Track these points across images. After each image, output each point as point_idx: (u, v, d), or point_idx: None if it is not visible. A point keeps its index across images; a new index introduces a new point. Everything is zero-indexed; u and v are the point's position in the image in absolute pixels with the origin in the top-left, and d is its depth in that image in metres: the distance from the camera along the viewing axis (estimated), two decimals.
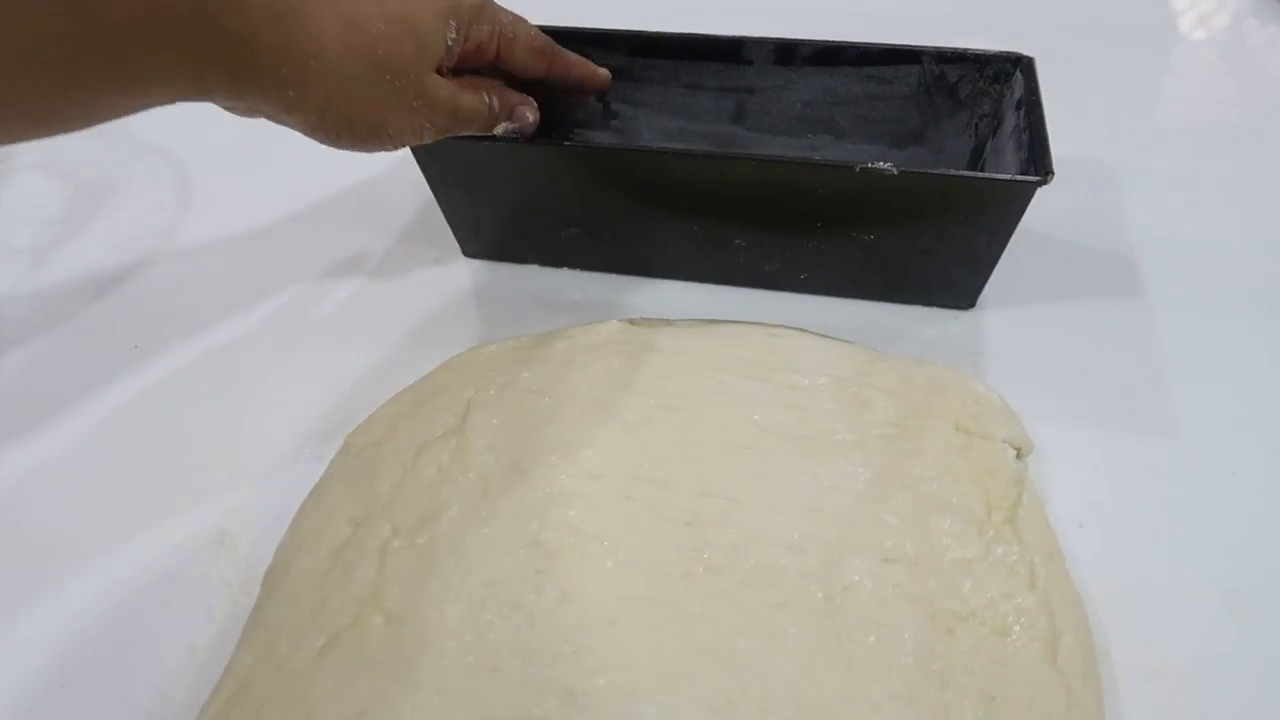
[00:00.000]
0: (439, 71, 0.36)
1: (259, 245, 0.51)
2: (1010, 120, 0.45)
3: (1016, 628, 0.30)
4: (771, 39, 0.50)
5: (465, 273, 0.48)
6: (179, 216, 0.53)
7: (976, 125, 0.48)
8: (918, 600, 0.30)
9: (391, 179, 0.54)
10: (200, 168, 0.57)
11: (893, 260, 0.44)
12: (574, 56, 0.45)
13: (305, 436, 0.39)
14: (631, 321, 0.42)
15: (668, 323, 0.43)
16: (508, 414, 0.37)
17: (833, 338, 0.42)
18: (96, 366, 0.43)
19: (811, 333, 0.42)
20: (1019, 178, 0.39)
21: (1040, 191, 0.39)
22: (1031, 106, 0.43)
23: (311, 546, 0.32)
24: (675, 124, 0.52)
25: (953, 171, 0.41)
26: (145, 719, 0.30)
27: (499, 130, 0.41)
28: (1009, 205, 0.40)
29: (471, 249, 0.49)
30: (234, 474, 0.38)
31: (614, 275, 0.48)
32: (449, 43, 0.36)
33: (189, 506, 0.36)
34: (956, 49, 0.47)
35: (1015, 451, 0.37)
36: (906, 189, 0.40)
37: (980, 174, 0.41)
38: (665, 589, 0.31)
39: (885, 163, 0.39)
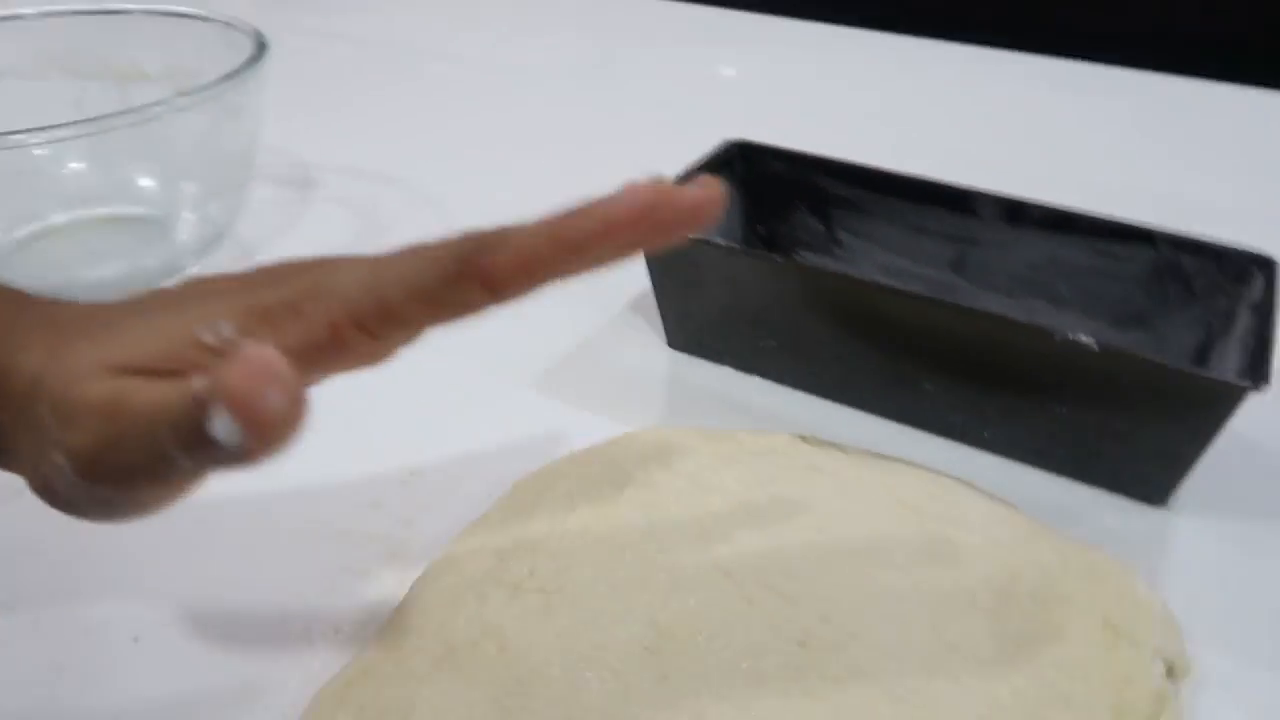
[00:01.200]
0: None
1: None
2: (1243, 321, 0.43)
3: None
4: (1001, 196, 0.50)
5: (664, 360, 0.51)
6: None
7: (1209, 322, 0.46)
8: None
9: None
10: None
11: (1083, 438, 0.42)
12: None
13: (481, 474, 0.43)
14: (803, 438, 0.44)
15: (839, 447, 0.43)
16: (662, 494, 0.39)
17: (1000, 499, 0.41)
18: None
19: (980, 490, 0.42)
20: (1227, 379, 0.37)
21: (1262, 400, 0.37)
22: (1266, 311, 0.41)
23: (458, 567, 0.36)
24: (895, 262, 0.54)
25: (1155, 358, 0.39)
26: (278, 684, 0.33)
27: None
28: (1214, 406, 0.38)
29: (676, 341, 0.52)
30: (417, 492, 0.42)
31: (800, 392, 0.49)
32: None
33: (371, 512, 0.41)
34: (1196, 238, 0.46)
35: (1167, 668, 0.34)
36: (1105, 368, 0.40)
37: (1185, 368, 0.40)
38: (762, 700, 0.32)
39: (1087, 337, 0.39)
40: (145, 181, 0.58)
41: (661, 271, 0.50)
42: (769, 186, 0.56)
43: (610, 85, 0.92)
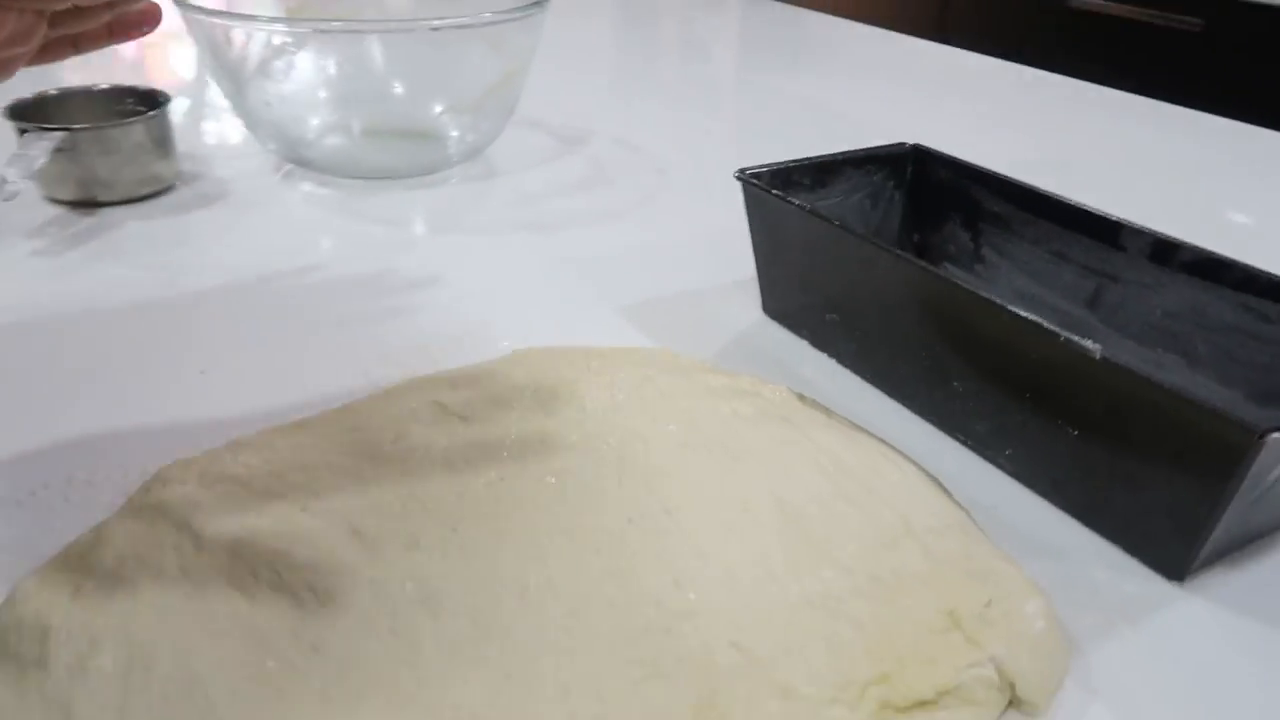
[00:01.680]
0: None
1: (605, 258, 0.61)
2: None
3: None
4: (1151, 232, 0.44)
5: (751, 322, 0.52)
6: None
7: None
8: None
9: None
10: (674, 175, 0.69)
11: (1094, 472, 0.36)
12: None
13: None
14: (800, 396, 0.42)
15: (826, 411, 0.41)
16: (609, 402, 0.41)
17: (951, 497, 0.37)
18: None
19: (939, 485, 0.37)
20: (1232, 415, 0.30)
21: None
22: None
23: None
24: (1031, 289, 0.49)
25: (1157, 378, 0.32)
26: None
27: None
28: (1225, 451, 0.31)
29: (768, 306, 0.52)
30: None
31: (856, 378, 0.47)
32: None
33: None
34: None
35: (1011, 692, 0.29)
36: (1110, 384, 0.34)
37: (1186, 393, 0.32)
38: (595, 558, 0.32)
39: (1091, 342, 0.34)
40: (430, 103, 0.71)
41: (758, 232, 0.51)
42: (931, 194, 0.54)
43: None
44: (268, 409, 0.41)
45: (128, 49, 1.01)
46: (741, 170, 0.49)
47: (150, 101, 0.65)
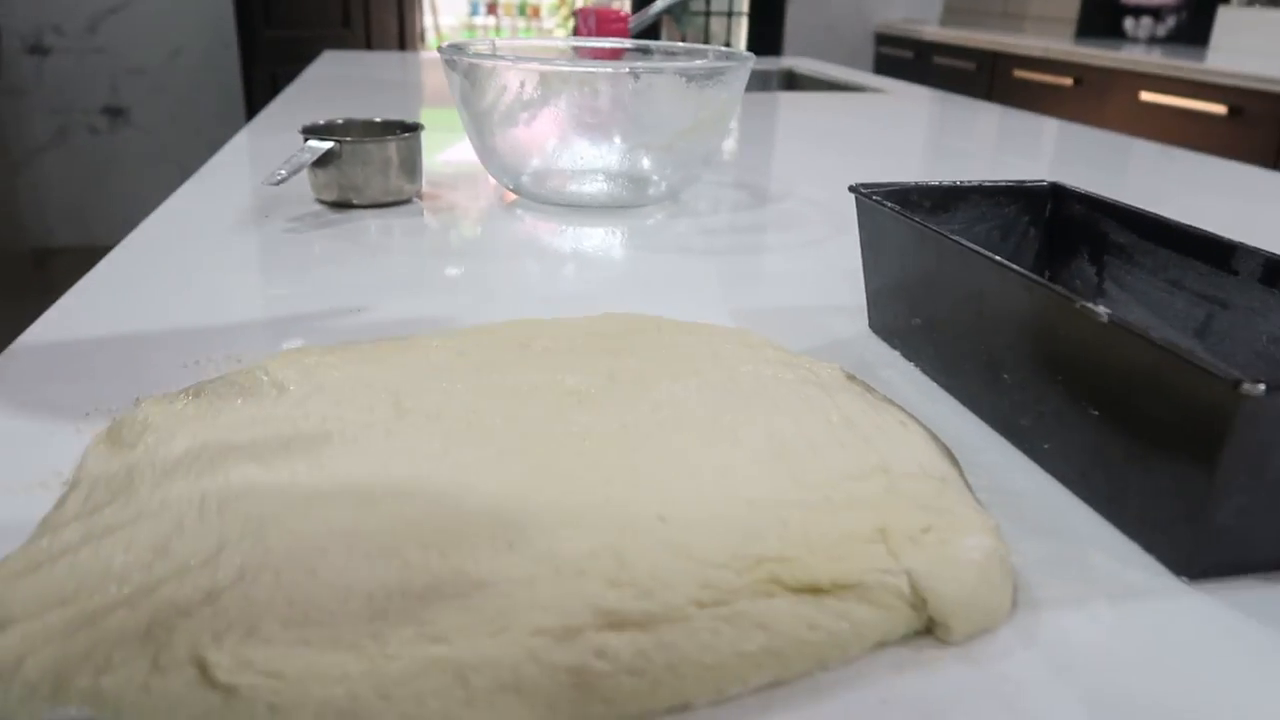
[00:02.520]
0: None
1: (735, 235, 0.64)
2: None
3: None
4: (1263, 251, 0.41)
5: (854, 335, 0.53)
6: None
7: None
8: None
9: None
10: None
11: (1112, 457, 0.34)
12: None
13: None
14: (849, 376, 0.43)
15: (872, 391, 0.42)
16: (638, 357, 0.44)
17: (953, 460, 0.36)
18: None
19: (945, 449, 0.37)
20: (1214, 366, 0.29)
21: None
22: None
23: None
24: (1147, 320, 0.47)
25: (1156, 338, 0.30)
26: None
27: None
28: (1214, 413, 0.29)
29: (874, 322, 0.53)
30: None
31: (931, 383, 0.47)
32: None
33: None
34: None
35: (926, 617, 0.29)
36: (1118, 351, 0.33)
37: (1172, 345, 0.30)
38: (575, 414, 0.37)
39: (1101, 307, 0.33)
40: (640, 158, 0.79)
41: (866, 246, 0.52)
42: (1063, 230, 0.53)
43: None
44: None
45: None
46: (854, 185, 0.51)
47: (410, 130, 0.78)
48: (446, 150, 1.00)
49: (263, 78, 2.84)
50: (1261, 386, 0.28)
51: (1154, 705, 0.27)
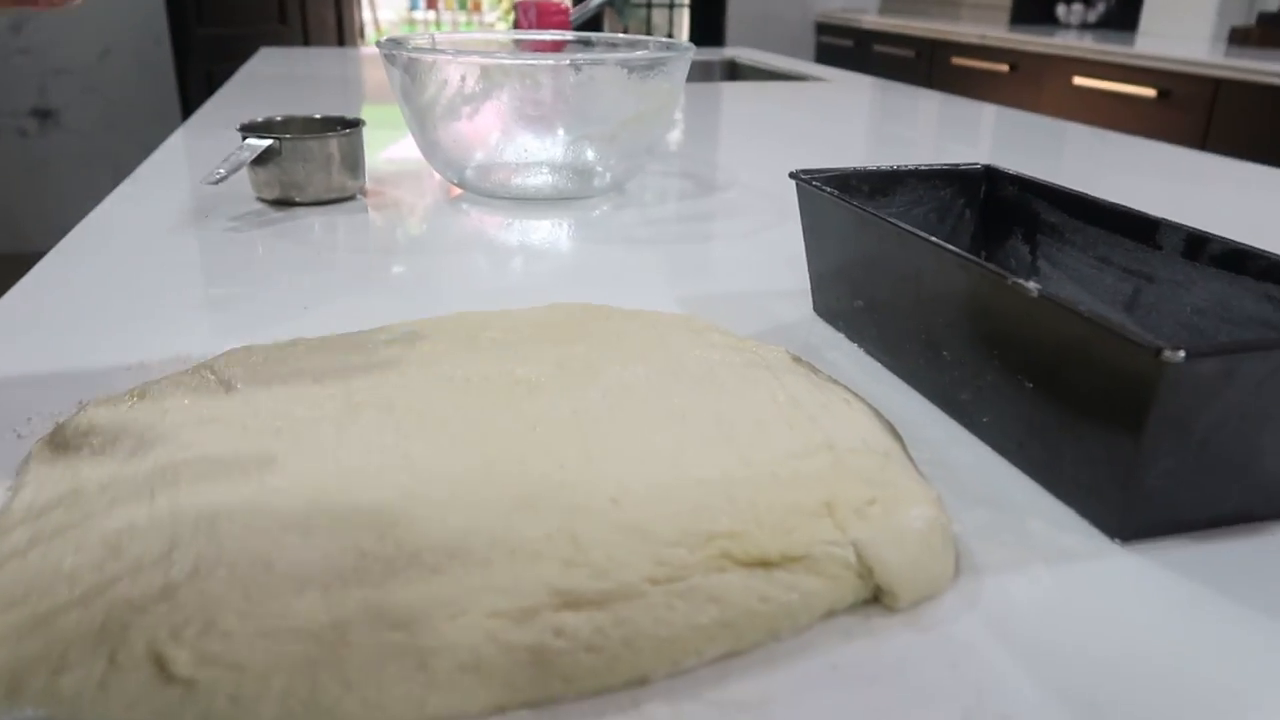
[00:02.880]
0: None
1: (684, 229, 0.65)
2: None
3: None
4: (1185, 226, 0.43)
5: (800, 319, 0.54)
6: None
7: None
8: None
9: None
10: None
11: (1047, 428, 0.36)
12: None
13: None
14: (795, 358, 0.44)
15: (817, 372, 0.43)
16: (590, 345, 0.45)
17: (896, 436, 0.37)
18: None
19: (889, 426, 0.38)
20: (1136, 335, 0.30)
21: None
22: None
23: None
24: (1078, 295, 0.48)
25: (1084, 310, 0.32)
26: None
27: None
28: (1139, 380, 0.30)
29: (818, 305, 0.55)
30: None
31: (875, 364, 0.48)
32: None
33: None
34: None
35: (868, 573, 0.30)
36: (1048, 324, 0.34)
37: (1099, 317, 0.31)
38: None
39: (1032, 282, 0.34)
40: (584, 150, 0.79)
41: (807, 230, 0.53)
42: (997, 211, 0.54)
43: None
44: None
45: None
46: (794, 171, 0.52)
47: (351, 126, 0.78)
48: (389, 147, 1.00)
49: (198, 76, 2.79)
50: (1181, 354, 0.29)
51: (1091, 660, 0.28)
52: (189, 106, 2.81)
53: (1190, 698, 0.27)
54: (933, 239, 0.41)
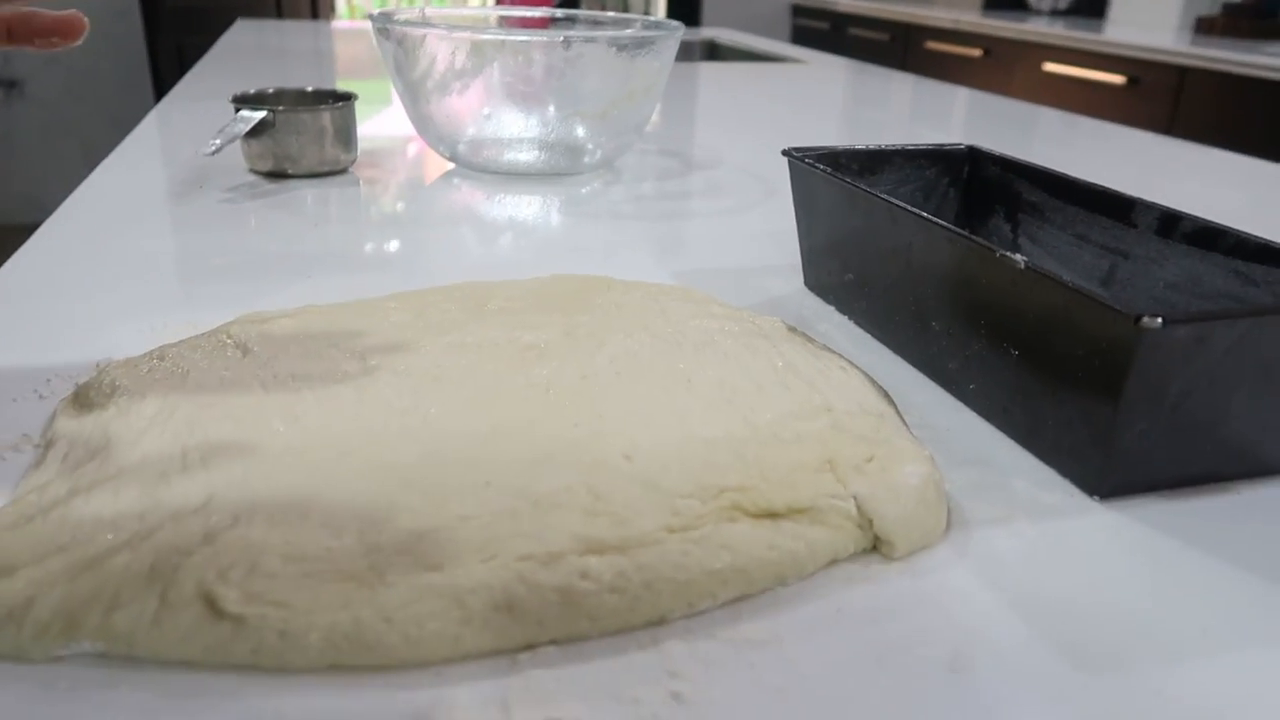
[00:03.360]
0: None
1: (678, 207, 0.67)
2: None
3: None
4: (1160, 205, 0.45)
5: (791, 292, 0.56)
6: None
7: None
8: None
9: None
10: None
11: (1031, 393, 0.38)
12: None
13: None
14: (790, 328, 0.46)
15: (812, 341, 0.45)
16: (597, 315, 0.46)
17: (889, 400, 0.39)
18: None
19: (881, 390, 0.40)
20: (1114, 303, 0.32)
21: None
22: None
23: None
24: (1056, 271, 0.51)
25: (1068, 281, 0.34)
26: None
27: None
28: (1117, 346, 0.33)
29: (809, 279, 0.57)
30: None
31: (868, 337, 0.50)
32: None
33: None
34: None
35: (868, 524, 0.32)
36: (1033, 295, 0.36)
37: (1083, 288, 0.34)
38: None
39: (1019, 255, 0.37)
40: (575, 126, 0.80)
41: (799, 206, 0.55)
42: (980, 190, 0.57)
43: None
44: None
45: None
46: (788, 149, 0.54)
47: (344, 100, 0.78)
48: (373, 120, 1.00)
49: (168, 48, 2.75)
50: (1159, 320, 0.31)
51: (1071, 606, 0.31)
52: (160, 79, 2.77)
53: (1163, 639, 0.29)
54: (924, 214, 0.43)
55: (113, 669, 0.26)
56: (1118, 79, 2.09)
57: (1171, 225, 0.45)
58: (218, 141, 0.69)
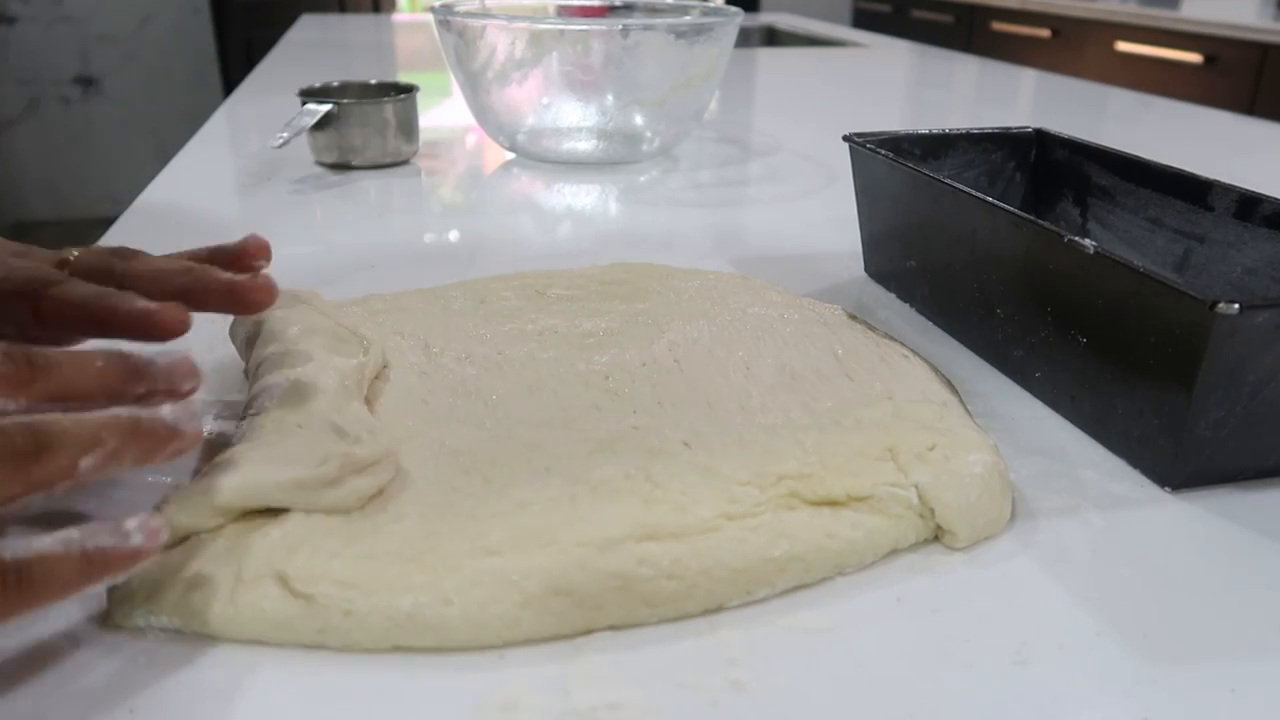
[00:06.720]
0: None
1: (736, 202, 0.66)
2: None
3: None
4: (1238, 187, 0.44)
5: (851, 279, 0.55)
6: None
7: None
8: None
9: None
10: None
11: (1100, 381, 0.37)
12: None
13: None
14: (851, 315, 0.46)
15: (872, 328, 0.45)
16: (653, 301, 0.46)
17: (952, 389, 0.39)
18: None
19: (945, 380, 0.40)
20: (1201, 292, 0.31)
21: None
22: None
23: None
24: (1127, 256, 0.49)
25: (1140, 266, 0.33)
26: None
27: None
28: (1192, 332, 0.32)
29: (869, 267, 0.56)
30: None
31: (929, 324, 0.49)
32: None
33: None
34: None
35: (935, 525, 0.31)
36: (1103, 280, 0.35)
37: (1155, 273, 0.33)
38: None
39: (1088, 240, 0.36)
40: (633, 115, 0.80)
41: (861, 192, 0.55)
42: (1047, 174, 0.55)
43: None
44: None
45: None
46: (849, 134, 0.53)
47: (406, 92, 0.79)
48: (433, 112, 1.01)
49: (237, 43, 2.81)
50: (1236, 306, 0.30)
51: (1140, 600, 0.30)
52: (229, 74, 2.83)
53: (1237, 635, 0.28)
54: (989, 199, 0.42)
55: (185, 645, 0.27)
56: (1195, 57, 2.02)
57: (1251, 208, 0.43)
58: (285, 134, 0.70)
